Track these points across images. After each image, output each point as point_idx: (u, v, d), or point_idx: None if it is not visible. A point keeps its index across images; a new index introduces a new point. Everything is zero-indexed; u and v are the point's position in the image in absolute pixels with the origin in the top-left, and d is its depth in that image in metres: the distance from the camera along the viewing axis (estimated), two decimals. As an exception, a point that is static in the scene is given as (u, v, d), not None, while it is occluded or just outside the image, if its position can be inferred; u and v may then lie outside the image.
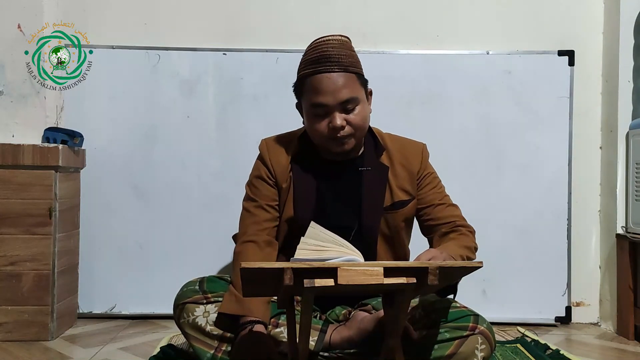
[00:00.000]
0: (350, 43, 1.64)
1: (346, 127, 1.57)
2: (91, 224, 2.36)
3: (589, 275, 2.47)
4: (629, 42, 2.34)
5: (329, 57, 1.56)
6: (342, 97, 1.55)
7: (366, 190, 1.65)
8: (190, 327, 1.58)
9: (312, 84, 1.56)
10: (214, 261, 2.37)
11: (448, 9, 2.47)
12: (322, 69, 1.55)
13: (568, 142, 2.41)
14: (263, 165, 1.70)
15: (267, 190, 1.68)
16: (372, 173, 1.66)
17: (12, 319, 2.06)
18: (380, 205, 1.65)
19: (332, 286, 1.14)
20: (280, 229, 1.69)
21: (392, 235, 1.68)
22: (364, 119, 1.61)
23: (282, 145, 1.71)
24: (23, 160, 2.06)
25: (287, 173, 1.67)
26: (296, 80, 1.65)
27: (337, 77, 1.55)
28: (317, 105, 1.56)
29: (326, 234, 1.28)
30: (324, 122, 1.58)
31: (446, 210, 1.70)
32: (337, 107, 1.55)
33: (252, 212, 1.68)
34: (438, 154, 2.36)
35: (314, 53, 1.58)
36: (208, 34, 2.43)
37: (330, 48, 1.57)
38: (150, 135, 2.39)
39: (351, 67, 1.58)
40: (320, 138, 1.61)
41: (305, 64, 1.60)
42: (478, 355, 1.52)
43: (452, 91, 2.41)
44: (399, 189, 1.67)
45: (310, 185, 1.65)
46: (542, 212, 2.40)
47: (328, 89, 1.54)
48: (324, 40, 1.59)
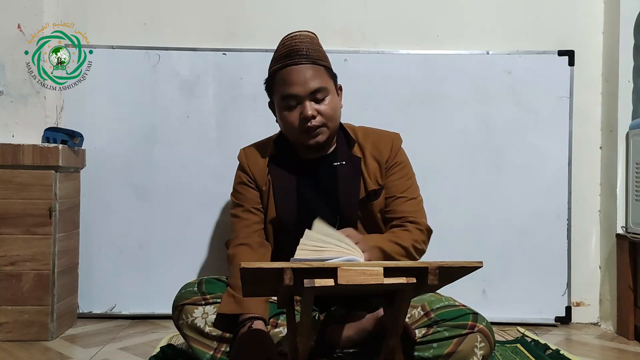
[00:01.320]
0: (317, 39, 1.70)
1: (317, 117, 1.61)
2: (91, 224, 2.36)
3: (589, 275, 2.47)
4: (629, 42, 2.34)
5: (297, 50, 1.61)
6: (312, 86, 1.59)
7: (341, 184, 1.68)
8: (189, 329, 1.58)
9: (282, 77, 1.62)
10: (213, 261, 2.37)
11: (448, 9, 2.47)
12: (291, 62, 1.61)
13: (568, 142, 2.41)
14: (243, 172, 1.75)
15: (251, 193, 1.72)
16: (345, 166, 1.69)
17: (12, 319, 2.06)
18: (356, 197, 1.67)
19: (332, 286, 1.14)
20: (267, 231, 1.71)
21: (372, 227, 1.69)
22: (334, 109, 1.65)
23: (259, 151, 1.76)
24: (23, 160, 2.06)
25: (266, 176, 1.71)
26: (267, 78, 1.70)
27: (306, 68, 1.60)
28: (288, 97, 1.61)
29: (329, 231, 1.28)
30: (295, 113, 1.62)
31: (404, 205, 1.69)
32: (307, 97, 1.60)
33: (240, 216, 1.71)
34: (438, 154, 2.39)
35: (283, 49, 1.64)
36: (208, 34, 2.43)
37: (298, 42, 1.63)
38: (150, 135, 2.39)
39: (319, 60, 1.64)
40: (293, 131, 1.64)
41: (275, 60, 1.66)
42: (477, 354, 1.52)
43: (452, 91, 2.41)
44: (371, 180, 1.69)
45: (289, 185, 1.69)
46: (542, 212, 2.40)
47: (298, 80, 1.59)
48: (291, 36, 1.66)
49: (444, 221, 2.26)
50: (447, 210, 2.35)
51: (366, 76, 2.38)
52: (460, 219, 2.37)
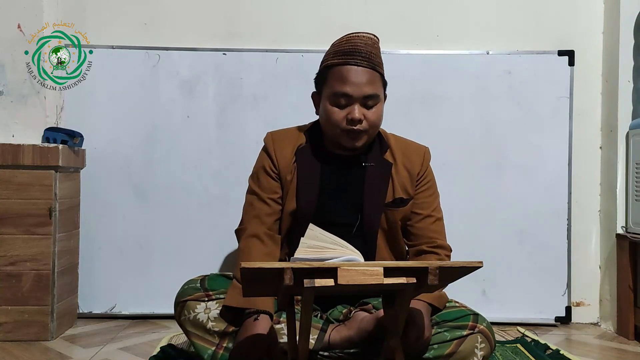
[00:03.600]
0: (379, 43, 1.68)
1: (363, 122, 1.60)
2: (91, 224, 2.36)
3: (589, 275, 2.47)
4: (629, 42, 2.34)
5: (360, 51, 1.60)
6: (366, 91, 1.59)
7: (368, 186, 1.66)
8: (191, 324, 1.58)
9: (339, 73, 1.60)
10: (213, 261, 2.37)
11: (448, 9, 2.47)
12: (352, 61, 1.59)
13: (568, 142, 2.41)
14: (267, 157, 1.71)
15: (269, 183, 1.69)
16: (375, 169, 1.68)
17: (12, 319, 2.06)
18: (382, 201, 1.66)
19: (332, 286, 1.14)
20: (283, 221, 1.69)
21: (391, 232, 1.69)
22: (379, 118, 1.64)
23: (288, 138, 1.73)
24: (23, 160, 2.06)
25: (292, 165, 1.68)
26: (321, 67, 1.68)
27: (365, 72, 1.59)
28: (340, 95, 1.59)
29: (325, 235, 1.28)
30: (342, 112, 1.60)
31: (433, 225, 1.70)
32: (359, 100, 1.59)
33: (254, 205, 1.68)
34: (438, 154, 2.36)
35: (346, 45, 1.62)
36: (208, 34, 2.43)
37: (361, 43, 1.62)
38: (150, 135, 2.39)
39: (378, 67, 1.63)
40: (334, 128, 1.62)
41: (335, 54, 1.63)
42: (478, 354, 1.52)
43: (452, 91, 2.41)
44: (400, 188, 1.68)
45: (314, 179, 1.67)
46: (542, 212, 2.40)
47: (355, 81, 1.58)
48: (357, 35, 1.64)
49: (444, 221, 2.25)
50: (447, 210, 2.32)
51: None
52: (460, 219, 2.37)
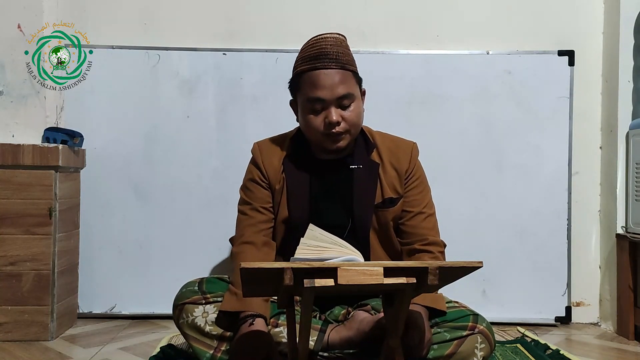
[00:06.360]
0: (346, 41, 1.66)
1: (341, 123, 1.59)
2: (91, 224, 2.36)
3: (589, 275, 2.47)
4: (629, 42, 2.34)
5: (326, 54, 1.58)
6: (339, 92, 1.57)
7: (357, 188, 1.66)
8: (189, 328, 1.58)
9: (309, 79, 1.59)
10: (213, 261, 2.37)
11: (448, 9, 2.47)
12: (320, 65, 1.58)
13: (568, 142, 2.41)
14: (256, 168, 1.72)
15: (261, 192, 1.70)
16: (362, 170, 1.67)
17: (12, 319, 2.06)
18: (371, 202, 1.66)
19: (332, 286, 1.14)
20: (277, 230, 1.69)
21: (383, 232, 1.69)
22: (358, 116, 1.63)
23: (274, 147, 1.73)
24: (23, 160, 2.06)
25: (280, 174, 1.68)
26: (292, 76, 1.66)
27: (335, 73, 1.58)
28: (314, 100, 1.58)
29: (325, 236, 1.28)
30: (319, 117, 1.60)
31: (424, 222, 1.69)
32: (334, 103, 1.58)
33: (248, 214, 1.69)
34: (438, 154, 2.38)
35: (312, 50, 1.61)
36: (208, 34, 2.43)
37: (328, 45, 1.60)
38: (150, 135, 2.39)
39: (348, 65, 1.61)
40: (315, 134, 1.62)
41: (303, 60, 1.62)
42: (478, 355, 1.52)
43: (452, 91, 2.40)
44: (388, 187, 1.68)
45: (303, 185, 1.67)
46: (542, 212, 2.40)
47: (325, 84, 1.57)
48: (322, 37, 1.62)
49: (444, 221, 2.24)
50: (447, 210, 2.34)
51: (366, 76, 2.34)
52: (460, 219, 2.37)
